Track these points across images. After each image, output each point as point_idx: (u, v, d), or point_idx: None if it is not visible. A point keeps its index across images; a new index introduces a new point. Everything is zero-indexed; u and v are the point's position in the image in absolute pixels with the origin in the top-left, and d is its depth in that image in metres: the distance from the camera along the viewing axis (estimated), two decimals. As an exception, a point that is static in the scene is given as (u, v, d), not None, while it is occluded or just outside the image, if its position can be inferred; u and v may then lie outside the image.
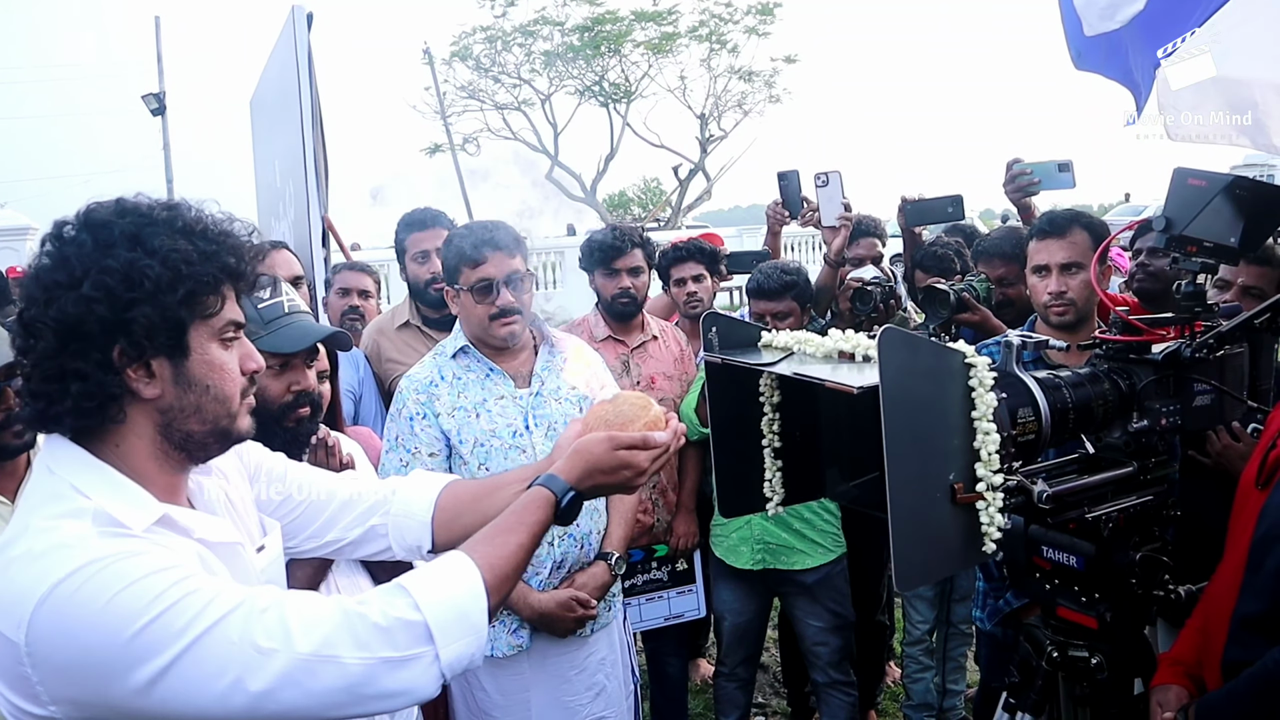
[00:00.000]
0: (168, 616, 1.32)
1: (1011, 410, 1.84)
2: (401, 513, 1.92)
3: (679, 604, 4.06)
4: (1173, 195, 2.19)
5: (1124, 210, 28.32)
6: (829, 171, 4.06)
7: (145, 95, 24.58)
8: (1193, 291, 2.21)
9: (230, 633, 1.34)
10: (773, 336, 1.94)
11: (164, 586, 1.34)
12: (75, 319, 1.40)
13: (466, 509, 1.90)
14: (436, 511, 1.91)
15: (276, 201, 5.64)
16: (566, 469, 1.73)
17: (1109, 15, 3.62)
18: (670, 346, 4.05)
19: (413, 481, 1.99)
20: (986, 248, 4.09)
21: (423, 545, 1.92)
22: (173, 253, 1.44)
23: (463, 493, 1.95)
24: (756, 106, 31.87)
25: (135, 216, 1.46)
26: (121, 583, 1.32)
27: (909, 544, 1.64)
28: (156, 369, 1.46)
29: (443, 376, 3.00)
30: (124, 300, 1.41)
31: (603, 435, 1.74)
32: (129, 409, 1.47)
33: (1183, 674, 2.17)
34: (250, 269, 1.58)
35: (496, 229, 2.92)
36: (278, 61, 5.27)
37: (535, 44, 30.31)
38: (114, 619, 1.31)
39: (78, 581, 1.31)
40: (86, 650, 1.30)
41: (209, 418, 1.53)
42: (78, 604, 1.31)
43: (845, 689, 3.89)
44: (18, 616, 1.31)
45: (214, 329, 1.52)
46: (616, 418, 1.77)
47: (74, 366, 1.41)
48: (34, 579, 1.32)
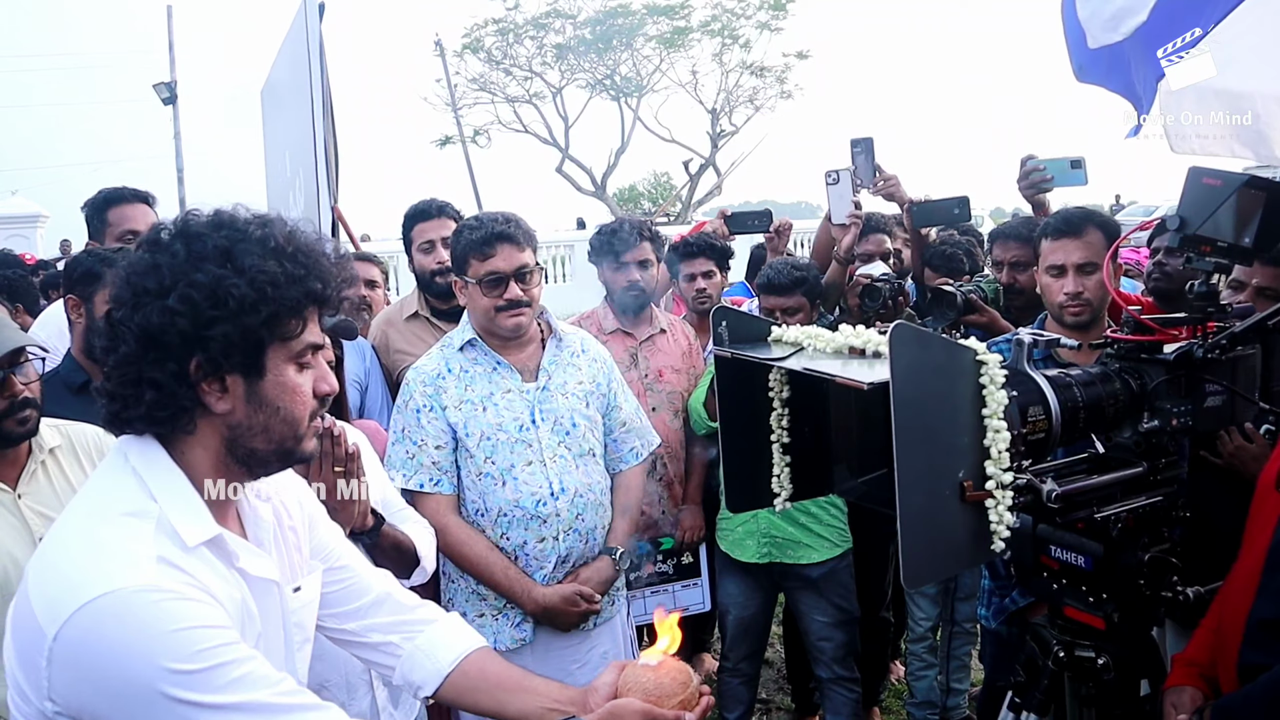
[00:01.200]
0: (208, 674, 1.36)
1: (1022, 408, 1.83)
2: (425, 651, 1.91)
3: (684, 597, 4.06)
4: (1187, 195, 2.18)
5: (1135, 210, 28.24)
6: (839, 169, 4.05)
7: (156, 85, 24.61)
8: (1206, 291, 2.19)
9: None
10: (783, 331, 1.93)
11: (217, 642, 1.38)
12: (158, 328, 1.42)
13: (486, 689, 1.89)
14: (457, 671, 1.90)
15: (286, 191, 5.66)
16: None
17: (1113, 27, 3.61)
18: (678, 340, 4.04)
19: (448, 624, 1.98)
20: (1003, 229, 4.09)
21: (425, 688, 1.91)
22: (260, 274, 1.45)
23: (490, 671, 1.92)
24: (768, 102, 31.81)
25: (230, 231, 1.48)
26: (176, 623, 1.35)
27: (917, 541, 1.63)
28: (230, 385, 1.48)
29: (450, 369, 3.00)
30: (206, 316, 1.42)
31: (640, 707, 1.72)
32: (199, 420, 1.50)
33: (1197, 675, 2.16)
34: (336, 294, 1.59)
35: (506, 222, 2.91)
36: (289, 52, 5.28)
37: (547, 37, 30.29)
38: (159, 654, 1.33)
39: (122, 601, 1.34)
40: (115, 672, 1.33)
41: (275, 438, 1.54)
42: (123, 623, 1.33)
43: (849, 685, 3.88)
44: (57, 610, 1.33)
45: (292, 351, 1.53)
46: (656, 690, 1.76)
47: (151, 375, 1.44)
48: (85, 579, 1.35)
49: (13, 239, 22.73)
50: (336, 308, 1.61)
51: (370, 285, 4.42)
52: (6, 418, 2.33)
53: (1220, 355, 2.11)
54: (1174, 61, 3.59)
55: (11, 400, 2.33)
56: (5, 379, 2.32)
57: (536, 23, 29.95)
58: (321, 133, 4.72)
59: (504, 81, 31.17)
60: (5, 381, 2.32)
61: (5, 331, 2.36)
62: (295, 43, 4.99)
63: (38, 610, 1.35)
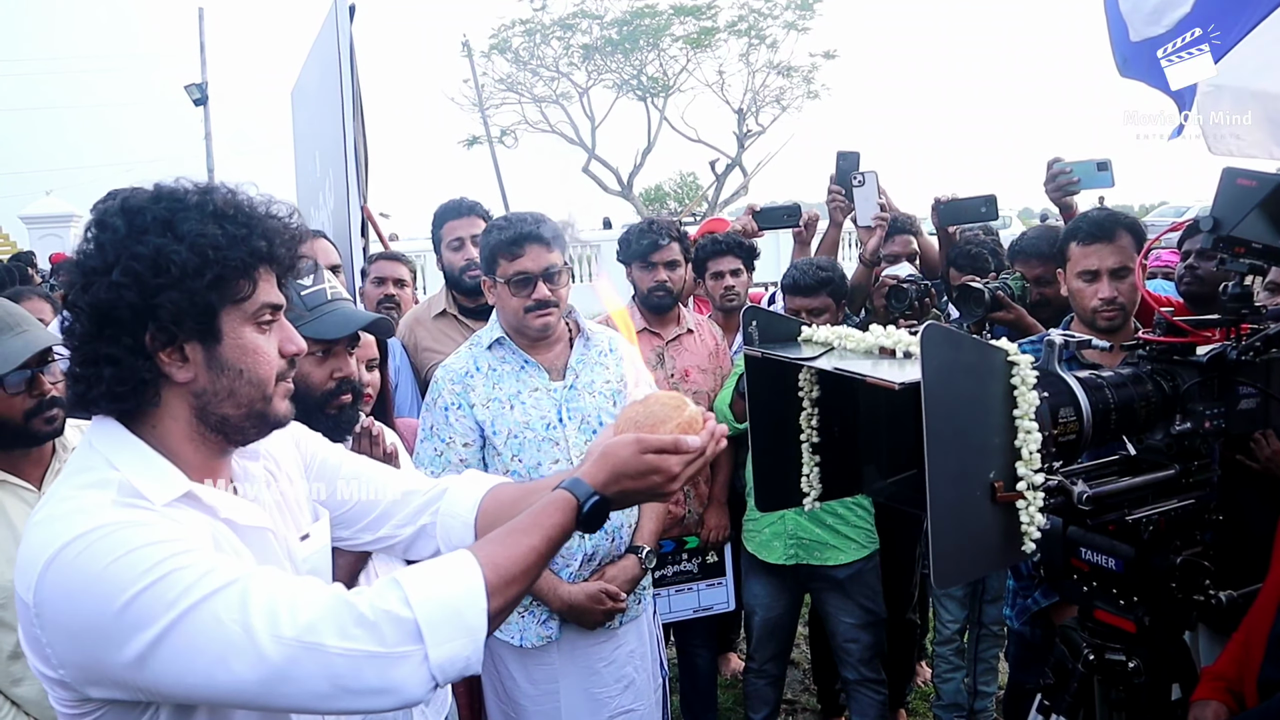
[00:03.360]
0: (159, 587, 1.31)
1: (1053, 409, 1.82)
2: (449, 512, 1.89)
3: (708, 596, 4.07)
4: (1221, 195, 2.16)
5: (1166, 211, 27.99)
6: (865, 171, 4.04)
7: (188, 85, 24.83)
8: (1240, 293, 2.17)
9: (218, 610, 1.32)
10: (813, 331, 1.93)
11: (161, 556, 1.33)
12: (107, 304, 1.42)
13: (507, 511, 1.83)
14: (480, 513, 1.87)
15: (316, 191, 5.69)
16: (592, 472, 1.61)
17: (1155, 20, 3.58)
18: (705, 340, 4.05)
19: (462, 481, 1.96)
20: (1024, 247, 4.05)
21: (465, 544, 1.84)
22: (200, 238, 1.44)
23: (505, 495, 1.91)
24: (795, 102, 31.77)
25: (169, 201, 1.47)
26: (119, 550, 1.33)
27: (948, 541, 1.63)
28: (189, 353, 1.48)
29: (478, 367, 3.01)
30: (151, 286, 1.42)
31: (630, 438, 1.61)
32: (164, 392, 1.49)
33: (1224, 689, 2.14)
34: (285, 251, 1.56)
35: (535, 221, 2.92)
36: (320, 53, 5.31)
37: (574, 37, 30.37)
38: (107, 586, 1.31)
39: (80, 546, 1.33)
40: (83, 616, 1.32)
41: (243, 401, 1.53)
42: (77, 568, 1.32)
43: (875, 686, 3.88)
44: (29, 578, 1.34)
45: (247, 313, 1.51)
46: (647, 419, 1.64)
47: (107, 351, 1.43)
48: (45, 541, 1.35)
49: (46, 238, 23.04)
50: (290, 266, 1.58)
51: (399, 284, 4.44)
52: (34, 416, 2.37)
53: (1254, 357, 2.09)
54: (1174, 62, 3.56)
55: (40, 399, 2.37)
56: (34, 378, 2.36)
57: (563, 23, 30.03)
58: (352, 133, 4.75)
59: (531, 82, 31.29)
60: (34, 380, 2.36)
61: (33, 332, 2.40)
62: (326, 44, 5.02)
63: (19, 590, 1.37)
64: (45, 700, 2.30)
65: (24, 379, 2.33)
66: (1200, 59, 3.46)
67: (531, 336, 3.00)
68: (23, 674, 2.32)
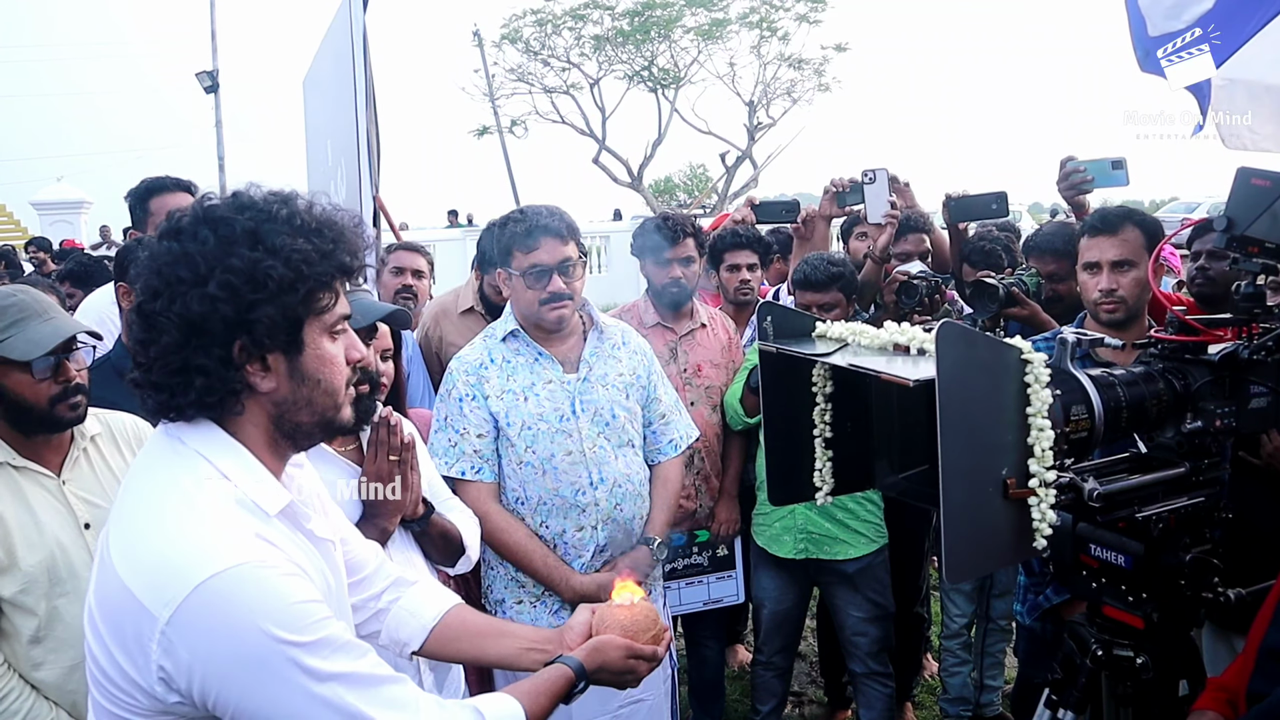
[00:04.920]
0: (306, 651, 1.40)
1: (1065, 407, 1.84)
2: (409, 609, 2.00)
3: (718, 589, 4.09)
4: (1235, 194, 2.16)
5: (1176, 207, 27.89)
6: (876, 168, 4.04)
7: (199, 73, 24.86)
8: (1252, 293, 2.18)
9: (345, 693, 1.44)
10: (827, 327, 1.95)
11: (315, 618, 1.43)
12: (200, 316, 1.43)
13: (468, 638, 2.02)
14: (440, 625, 2.00)
15: (328, 180, 5.70)
16: (586, 659, 1.86)
17: (1175, 15, 3.57)
18: (718, 335, 4.06)
19: (426, 587, 2.08)
20: (1038, 243, 4.06)
21: (410, 645, 2.00)
22: (294, 253, 1.47)
23: (470, 621, 2.05)
24: (806, 95, 31.64)
25: (254, 212, 1.49)
26: (279, 600, 1.39)
27: (960, 537, 1.65)
28: (273, 364, 1.51)
29: (492, 359, 3.03)
30: (248, 300, 1.44)
31: (622, 643, 1.90)
32: (246, 401, 1.52)
33: (1224, 701, 2.14)
34: (362, 264, 1.61)
35: (550, 214, 2.94)
36: (332, 42, 5.33)
37: (585, 28, 30.27)
38: (263, 632, 1.37)
39: (238, 582, 1.37)
40: (224, 649, 1.37)
41: (318, 410, 1.57)
42: (233, 602, 1.37)
43: (883, 680, 3.90)
44: (169, 595, 1.36)
45: (326, 324, 1.55)
46: (632, 626, 1.94)
47: (197, 362, 1.45)
48: (194, 562, 1.38)
49: (57, 224, 23.15)
50: (363, 278, 1.66)
51: (417, 275, 4.46)
52: (60, 402, 2.40)
53: (1266, 357, 2.09)
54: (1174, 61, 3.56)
55: (65, 385, 2.40)
56: (60, 364, 2.38)
57: (574, 14, 29.94)
58: (364, 123, 4.76)
59: (542, 72, 31.22)
60: (60, 367, 2.38)
61: (59, 320, 2.43)
62: (339, 33, 5.03)
63: (142, 597, 1.37)
64: (66, 685, 2.36)
65: (51, 365, 2.36)
66: (1200, 59, 3.46)
67: (546, 329, 3.02)
68: (43, 658, 2.35)
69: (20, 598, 2.32)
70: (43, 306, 2.41)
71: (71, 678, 2.34)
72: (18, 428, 2.40)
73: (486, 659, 2.04)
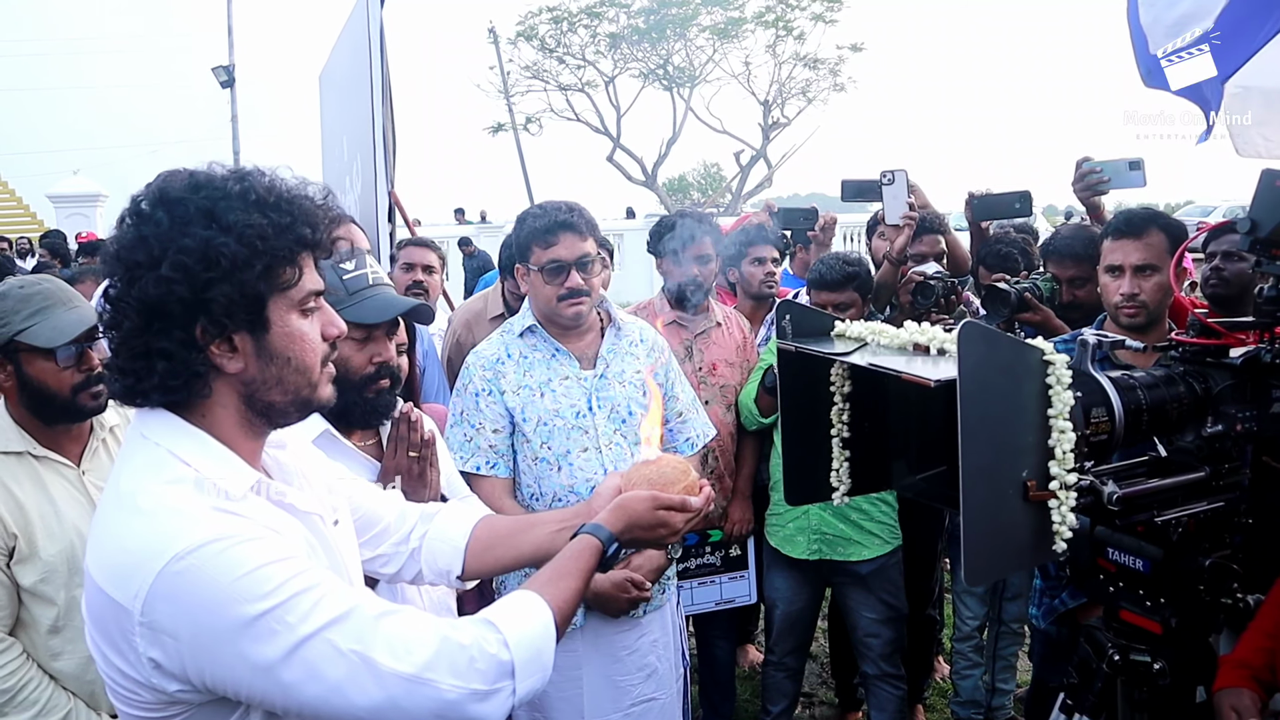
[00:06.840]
0: (282, 610, 1.36)
1: (1085, 409, 1.83)
2: (438, 537, 1.97)
3: (731, 589, 4.08)
4: (1259, 197, 2.14)
5: (1192, 210, 27.75)
6: (895, 170, 4.03)
7: (215, 68, 24.97)
8: (1275, 296, 2.16)
9: (337, 640, 1.39)
10: (846, 327, 1.94)
11: (281, 579, 1.38)
12: (156, 299, 1.41)
13: (500, 542, 1.97)
14: (471, 540, 1.97)
15: (343, 175, 5.73)
16: (611, 521, 1.78)
17: (1175, 33, 3.56)
18: (733, 333, 4.05)
19: (450, 510, 2.05)
20: (1057, 246, 4.03)
21: (453, 570, 1.97)
22: (248, 228, 1.43)
23: (498, 526, 2.01)
24: (820, 94, 31.67)
25: (209, 190, 1.46)
26: (239, 568, 1.36)
27: (980, 539, 1.64)
28: (239, 344, 1.48)
29: (509, 354, 3.03)
30: (203, 280, 1.41)
31: (646, 494, 1.81)
32: (214, 383, 1.49)
33: (1249, 677, 2.13)
34: (326, 236, 1.57)
35: (569, 210, 2.94)
36: (349, 38, 5.35)
37: (600, 26, 30.34)
38: (232, 603, 1.35)
39: (196, 560, 1.35)
40: (202, 629, 1.35)
41: (290, 388, 1.54)
42: (198, 583, 1.34)
43: (895, 682, 3.89)
44: (134, 586, 1.35)
45: (293, 300, 1.52)
46: (659, 478, 1.84)
47: (159, 345, 1.43)
48: (148, 548, 1.36)
49: (73, 217, 23.26)
50: (328, 251, 1.60)
51: (428, 270, 4.47)
52: (82, 390, 2.41)
53: (1289, 361, 2.08)
54: (1173, 62, 3.54)
55: (88, 374, 2.41)
56: (83, 353, 2.40)
57: (590, 11, 30.01)
58: (380, 119, 4.77)
59: (557, 70, 31.29)
60: (83, 355, 2.40)
61: (83, 309, 2.44)
62: (356, 29, 5.04)
63: (115, 594, 1.37)
64: (84, 675, 2.37)
65: (74, 353, 2.37)
66: (1200, 59, 3.44)
67: (563, 325, 3.02)
68: (61, 648, 2.37)
69: (40, 587, 2.34)
70: (66, 295, 2.42)
71: (90, 668, 2.35)
72: (40, 416, 2.41)
73: (523, 558, 1.97)
